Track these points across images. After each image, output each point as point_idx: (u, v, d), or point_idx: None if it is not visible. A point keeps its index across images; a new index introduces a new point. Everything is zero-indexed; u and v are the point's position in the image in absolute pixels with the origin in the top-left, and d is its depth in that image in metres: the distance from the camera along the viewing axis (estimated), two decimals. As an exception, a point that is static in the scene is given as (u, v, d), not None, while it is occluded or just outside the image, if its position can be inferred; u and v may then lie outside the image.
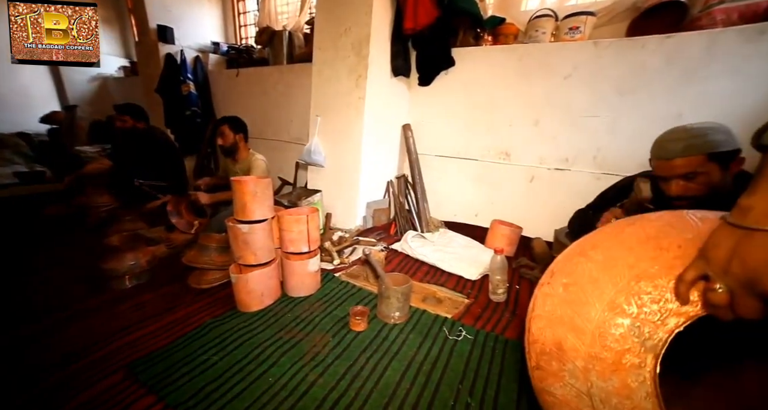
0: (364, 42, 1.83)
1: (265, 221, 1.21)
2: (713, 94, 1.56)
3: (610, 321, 0.53)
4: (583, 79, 1.83)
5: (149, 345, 1.02)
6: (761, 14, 1.48)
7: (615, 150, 1.81)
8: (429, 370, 0.95)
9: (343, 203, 2.13)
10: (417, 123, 2.32)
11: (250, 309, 1.20)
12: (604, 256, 0.60)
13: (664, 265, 0.52)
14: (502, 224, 1.84)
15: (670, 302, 0.49)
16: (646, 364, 0.49)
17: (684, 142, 0.92)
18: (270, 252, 1.25)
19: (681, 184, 0.94)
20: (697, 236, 0.53)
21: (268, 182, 1.22)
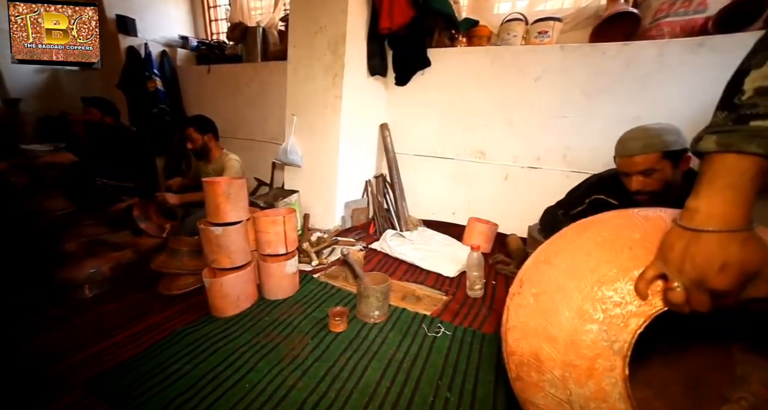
0: (340, 41, 1.81)
1: (239, 222, 1.17)
2: (665, 99, 1.69)
3: (581, 328, 0.54)
4: (552, 82, 1.91)
5: (115, 357, 0.96)
6: (698, 29, 1.64)
7: (583, 149, 1.91)
8: (409, 368, 0.96)
9: (321, 203, 2.10)
10: (394, 122, 2.33)
11: (225, 314, 1.16)
12: (568, 263, 0.62)
13: (621, 268, 0.54)
14: (479, 222, 1.89)
15: (630, 305, 0.51)
16: (616, 367, 0.51)
17: (642, 141, 0.99)
18: (246, 255, 1.21)
19: (640, 179, 1.02)
20: (644, 236, 0.56)
21: (242, 183, 1.19)
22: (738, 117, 0.43)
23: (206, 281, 1.12)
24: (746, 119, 0.42)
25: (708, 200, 0.44)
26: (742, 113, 0.43)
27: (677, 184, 1.03)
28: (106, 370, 0.91)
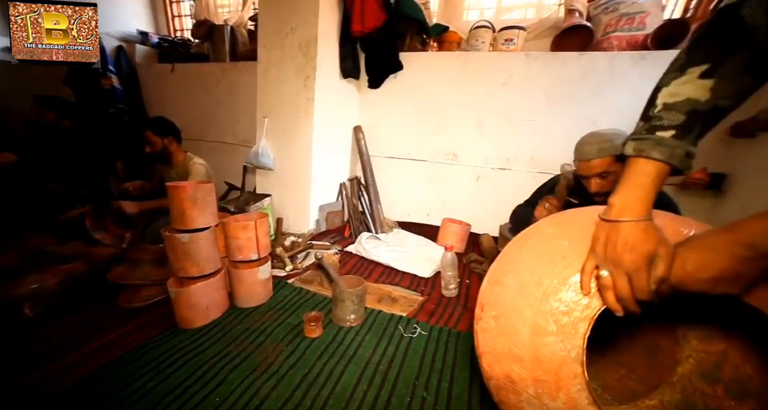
0: (312, 42, 1.79)
1: (208, 228, 1.12)
2: (617, 104, 1.83)
3: (540, 343, 0.56)
4: (518, 87, 2.00)
5: (66, 379, 0.88)
6: (641, 44, 1.82)
7: (548, 151, 2.01)
8: (386, 370, 0.96)
9: (294, 206, 2.06)
10: (368, 125, 2.34)
11: (193, 325, 1.10)
12: (516, 281, 0.64)
13: (560, 277, 0.58)
14: (452, 222, 1.93)
15: (575, 311, 0.54)
16: (577, 374, 0.53)
17: (597, 145, 1.07)
18: (215, 262, 1.16)
19: (598, 182, 1.09)
20: (572, 242, 0.60)
21: (210, 188, 1.14)
22: (650, 127, 0.52)
23: (172, 291, 1.06)
24: (654, 130, 0.51)
25: (622, 196, 0.52)
26: (652, 123, 0.52)
27: None
28: (53, 394, 0.83)
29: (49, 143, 1.94)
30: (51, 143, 1.94)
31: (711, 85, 0.48)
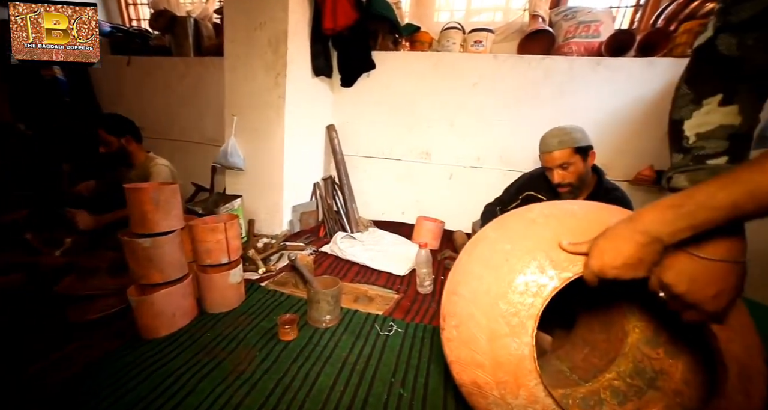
0: (282, 39, 1.75)
1: (173, 232, 1.07)
2: (577, 105, 1.95)
3: (497, 346, 0.59)
4: (487, 87, 2.07)
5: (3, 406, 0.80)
6: (596, 50, 1.95)
7: (516, 149, 2.09)
8: (362, 369, 0.96)
9: (266, 207, 2.00)
10: (341, 124, 2.32)
11: (158, 335, 1.04)
12: (468, 290, 0.67)
13: (506, 281, 0.61)
14: (427, 220, 1.97)
15: (522, 311, 0.58)
16: (531, 369, 0.57)
17: (558, 138, 1.16)
18: (181, 267, 1.11)
19: (560, 172, 1.18)
20: (513, 245, 0.64)
21: (174, 189, 1.08)
22: (694, 157, 0.53)
23: (133, 300, 1.00)
24: (702, 159, 0.52)
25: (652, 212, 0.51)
26: (696, 153, 0.53)
27: (589, 177, 1.21)
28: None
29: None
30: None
31: (737, 111, 0.50)
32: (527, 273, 0.60)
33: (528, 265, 0.61)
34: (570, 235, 0.61)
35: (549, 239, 0.62)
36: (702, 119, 0.52)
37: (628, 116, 1.88)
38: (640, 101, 1.85)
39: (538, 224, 0.67)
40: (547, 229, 0.65)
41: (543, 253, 0.61)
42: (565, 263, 0.59)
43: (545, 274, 0.59)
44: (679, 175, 0.54)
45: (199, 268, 1.19)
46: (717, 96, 0.51)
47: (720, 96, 0.50)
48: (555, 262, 0.59)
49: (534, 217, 0.69)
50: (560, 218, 0.67)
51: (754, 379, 0.55)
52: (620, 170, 1.93)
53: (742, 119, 0.50)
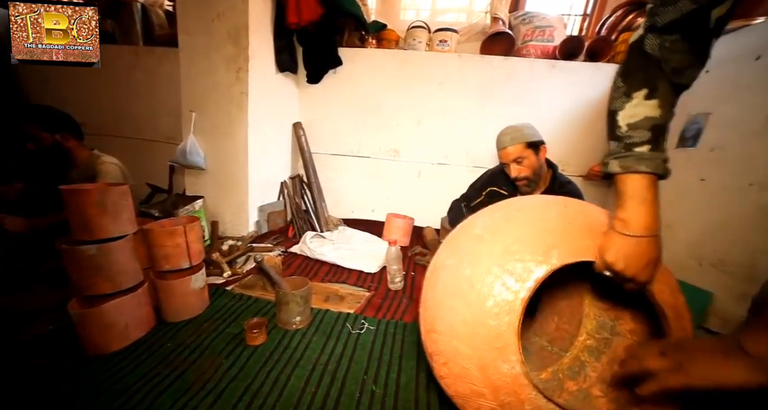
0: (243, 32, 1.67)
1: (124, 237, 0.99)
2: (536, 104, 2.06)
3: (490, 374, 0.61)
4: (453, 86, 2.12)
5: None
6: (551, 54, 2.07)
7: (481, 146, 2.17)
8: (334, 369, 0.95)
9: (231, 208, 1.92)
10: (309, 121, 2.27)
11: (109, 350, 0.96)
12: (445, 325, 0.68)
13: (477, 307, 0.63)
14: (396, 217, 1.99)
15: (502, 332, 0.61)
16: (526, 383, 0.60)
17: (510, 135, 1.24)
18: (135, 274, 1.03)
19: (516, 167, 1.26)
20: (473, 268, 0.66)
21: (123, 190, 1.00)
22: (625, 145, 0.58)
23: (75, 314, 0.91)
24: (631, 147, 0.58)
25: (633, 213, 0.57)
26: (626, 142, 0.58)
27: (544, 172, 1.29)
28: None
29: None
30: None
31: (658, 104, 0.56)
32: (495, 294, 0.62)
33: (492, 286, 0.63)
34: (516, 244, 0.65)
35: (500, 253, 0.65)
36: (632, 110, 0.57)
37: (581, 116, 2.02)
38: (590, 103, 1.99)
39: (486, 241, 0.70)
40: (495, 244, 0.68)
41: (500, 269, 0.64)
42: (524, 274, 0.62)
43: (510, 290, 0.62)
44: (613, 160, 0.60)
45: (157, 274, 1.12)
46: (643, 90, 0.56)
47: (646, 90, 0.56)
48: (515, 274, 0.63)
49: (480, 233, 0.72)
50: (503, 229, 0.70)
51: (683, 315, 0.65)
52: (575, 167, 2.08)
53: (661, 112, 0.56)
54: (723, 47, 1.35)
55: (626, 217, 0.58)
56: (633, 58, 0.57)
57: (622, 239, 0.57)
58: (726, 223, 1.27)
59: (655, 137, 0.57)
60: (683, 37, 0.52)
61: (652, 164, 0.56)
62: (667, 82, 0.55)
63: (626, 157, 0.58)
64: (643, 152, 0.57)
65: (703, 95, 1.42)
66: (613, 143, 0.61)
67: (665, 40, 0.53)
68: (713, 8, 0.49)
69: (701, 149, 1.41)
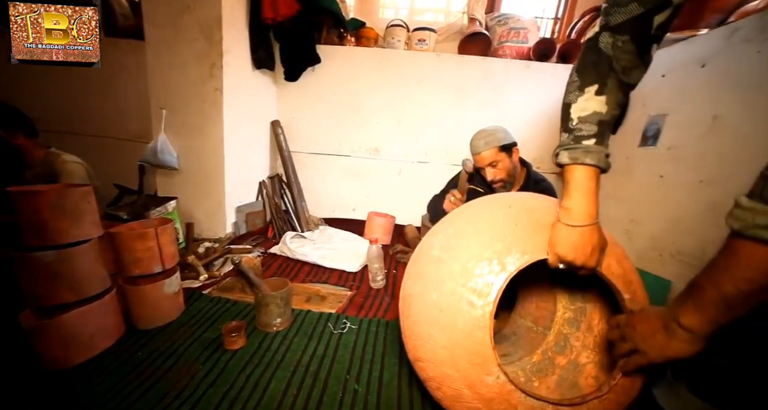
0: (216, 26, 1.61)
1: (87, 242, 0.93)
2: (512, 103, 2.12)
3: (480, 388, 0.63)
4: (432, 85, 2.14)
5: None
6: (526, 55, 2.14)
7: (460, 145, 2.18)
8: (316, 370, 0.95)
9: (207, 209, 1.85)
10: (287, 119, 2.23)
11: (71, 363, 0.90)
12: (429, 354, 0.69)
13: (454, 331, 0.65)
14: (378, 216, 1.99)
15: (479, 349, 0.63)
16: (513, 389, 0.62)
17: (483, 140, 1.26)
18: (101, 281, 0.97)
19: (492, 171, 1.28)
20: (438, 295, 0.68)
21: (85, 191, 0.94)
22: (574, 138, 0.61)
23: (30, 326, 0.84)
24: (579, 139, 0.60)
25: (577, 202, 0.61)
26: (575, 134, 0.61)
27: (518, 171, 1.33)
28: None
29: None
30: None
31: (605, 100, 0.59)
32: (463, 314, 0.64)
33: (459, 306, 0.65)
34: (472, 259, 0.67)
35: (459, 272, 0.67)
36: (583, 104, 0.60)
37: (554, 115, 2.10)
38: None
39: (444, 262, 0.71)
40: (453, 263, 0.69)
41: (462, 288, 0.66)
42: (485, 288, 0.64)
43: (476, 307, 0.64)
44: (563, 151, 0.62)
45: (126, 280, 1.06)
46: (595, 85, 0.59)
47: (596, 86, 0.59)
48: (476, 291, 0.65)
49: (438, 255, 0.74)
50: (457, 247, 0.71)
51: (632, 280, 0.69)
52: (549, 164, 2.15)
53: (607, 108, 0.59)
54: (675, 54, 1.47)
55: (570, 206, 0.61)
56: (588, 54, 0.60)
57: (567, 230, 0.61)
58: (682, 216, 1.36)
59: (600, 131, 0.60)
60: (632, 38, 0.55)
61: (596, 157, 0.59)
62: (616, 80, 0.58)
63: (575, 149, 0.60)
64: (590, 145, 0.59)
65: (662, 97, 1.51)
66: (564, 135, 0.63)
67: (617, 40, 0.56)
68: (656, 14, 0.52)
69: (660, 147, 1.51)
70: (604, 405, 0.64)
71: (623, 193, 1.69)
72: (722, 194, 1.20)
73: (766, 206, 0.36)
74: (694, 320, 0.47)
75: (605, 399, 0.64)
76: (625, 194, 1.67)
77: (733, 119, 1.21)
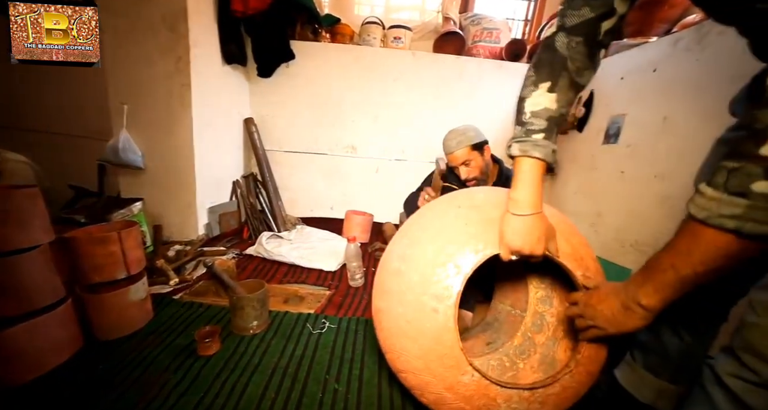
0: (180, 17, 1.53)
1: (35, 248, 0.85)
2: (486, 101, 2.18)
3: (460, 387, 0.65)
4: (408, 83, 2.16)
5: None
6: (498, 55, 2.20)
7: (436, 142, 2.20)
8: (294, 371, 0.93)
9: (177, 211, 1.77)
10: (261, 117, 2.17)
11: (18, 382, 0.82)
12: (408, 365, 0.70)
13: (426, 340, 0.66)
14: (356, 214, 1.98)
15: (451, 352, 0.65)
16: (488, 383, 0.64)
17: (455, 140, 1.28)
18: (53, 291, 0.89)
19: (465, 170, 1.31)
20: (404, 308, 0.69)
21: (31, 194, 0.85)
22: (526, 131, 0.63)
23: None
24: (530, 133, 0.63)
25: (522, 192, 0.64)
26: (527, 128, 0.63)
27: (491, 167, 1.38)
28: None
29: None
30: None
31: (555, 98, 0.62)
32: (429, 321, 0.66)
33: (424, 315, 0.66)
34: (429, 267, 0.68)
35: (419, 282, 0.69)
36: (536, 99, 0.63)
37: (525, 113, 2.17)
38: (533, 101, 2.15)
39: (404, 273, 0.73)
40: (412, 274, 0.71)
41: (426, 296, 0.67)
42: (444, 292, 0.66)
43: (439, 312, 0.66)
44: (515, 144, 0.65)
45: (85, 288, 0.99)
46: (548, 82, 0.62)
47: (549, 83, 0.62)
48: (437, 297, 0.66)
49: (398, 267, 0.75)
50: (414, 256, 0.72)
51: (582, 256, 0.71)
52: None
53: (557, 106, 0.62)
54: (632, 58, 1.57)
55: (517, 196, 0.64)
56: (544, 52, 0.63)
57: (515, 220, 0.64)
58: (640, 209, 1.46)
59: (549, 127, 0.63)
60: (584, 41, 0.58)
61: (544, 151, 0.62)
62: (567, 79, 0.61)
63: (525, 142, 0.63)
64: (539, 140, 0.63)
65: (621, 98, 1.61)
66: (517, 128, 0.66)
67: (572, 41, 0.59)
68: (603, 21, 0.56)
69: (621, 145, 1.60)
70: (575, 378, 0.68)
71: (589, 188, 1.78)
72: (673, 188, 1.30)
73: (730, 197, 0.39)
74: (653, 300, 0.50)
75: (575, 373, 0.67)
76: (591, 189, 1.77)
77: (680, 119, 1.32)
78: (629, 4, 0.56)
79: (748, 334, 0.48)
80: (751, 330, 0.48)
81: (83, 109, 2.11)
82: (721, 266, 0.42)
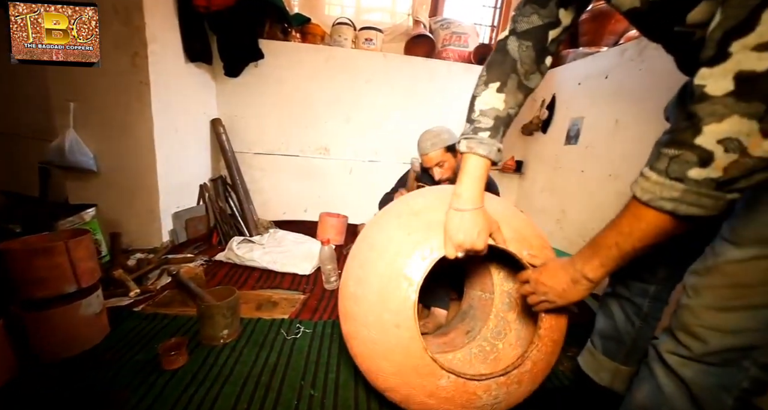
0: (135, 9, 1.43)
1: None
2: (456, 104, 2.23)
3: (437, 390, 0.66)
4: (380, 85, 2.17)
5: None
6: (467, 58, 2.26)
7: (409, 143, 2.23)
8: (268, 380, 0.90)
9: (137, 217, 1.65)
10: (229, 117, 2.09)
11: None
12: (385, 371, 0.71)
13: (397, 347, 0.66)
14: (330, 216, 1.96)
15: (423, 362, 0.66)
16: (465, 381, 0.66)
17: (430, 141, 1.31)
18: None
19: (438, 170, 1.33)
20: (373, 319, 0.69)
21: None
22: (474, 129, 0.65)
23: None
24: (477, 131, 0.65)
25: (466, 188, 0.65)
26: (475, 125, 0.65)
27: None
28: None
29: None
30: None
31: (504, 98, 0.64)
32: (394, 338, 0.66)
33: (388, 333, 0.67)
34: (383, 283, 0.68)
35: (376, 301, 0.69)
36: (485, 98, 0.65)
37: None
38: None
39: (360, 298, 0.72)
40: (367, 295, 0.71)
41: (386, 314, 0.67)
42: (401, 305, 0.66)
43: (401, 327, 0.66)
44: (463, 140, 0.68)
45: (24, 305, 0.90)
46: (497, 83, 0.65)
47: (498, 83, 0.65)
48: (394, 312, 0.66)
49: (353, 291, 0.75)
50: (367, 279, 0.72)
51: (527, 236, 0.73)
52: (491, 161, 2.30)
53: (504, 106, 0.64)
54: (587, 66, 1.69)
55: (461, 191, 0.66)
56: (497, 53, 0.65)
57: (457, 216, 0.65)
58: (598, 206, 1.56)
59: (496, 126, 0.65)
60: (533, 45, 0.62)
61: (488, 149, 0.64)
62: (516, 81, 0.64)
63: (472, 139, 0.66)
64: (484, 138, 0.65)
65: (579, 102, 1.73)
66: (467, 125, 0.68)
67: (522, 45, 0.62)
68: (550, 29, 0.60)
69: (581, 145, 1.71)
70: (542, 350, 0.71)
71: (554, 186, 1.88)
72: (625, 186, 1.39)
73: (671, 182, 0.43)
74: (599, 273, 0.55)
75: (541, 346, 0.70)
76: (556, 187, 1.86)
77: (630, 122, 1.43)
78: (572, 17, 0.60)
79: (682, 315, 0.53)
80: (684, 311, 0.53)
81: (19, 105, 1.89)
82: (654, 242, 0.48)
